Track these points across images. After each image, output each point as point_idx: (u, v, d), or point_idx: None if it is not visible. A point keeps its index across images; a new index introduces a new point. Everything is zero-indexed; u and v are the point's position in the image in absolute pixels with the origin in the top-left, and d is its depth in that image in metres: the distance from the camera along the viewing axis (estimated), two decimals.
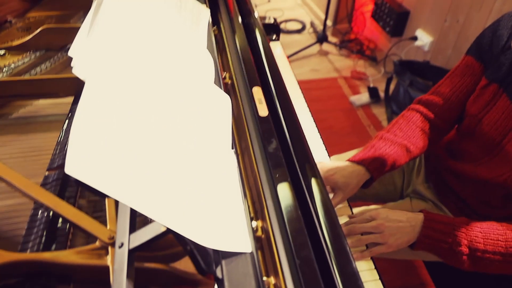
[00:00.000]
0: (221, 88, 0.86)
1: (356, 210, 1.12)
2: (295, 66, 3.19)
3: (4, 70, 1.17)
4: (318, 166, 0.97)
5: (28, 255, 0.65)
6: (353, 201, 1.33)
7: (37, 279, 0.64)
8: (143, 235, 0.59)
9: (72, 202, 0.78)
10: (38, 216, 0.75)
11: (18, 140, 0.99)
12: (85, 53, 0.58)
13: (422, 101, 1.12)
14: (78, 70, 0.55)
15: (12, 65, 1.19)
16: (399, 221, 0.90)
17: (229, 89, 1.00)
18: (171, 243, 0.67)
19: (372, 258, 0.90)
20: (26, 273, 0.65)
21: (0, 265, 0.62)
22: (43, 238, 0.71)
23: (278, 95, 0.94)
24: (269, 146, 0.77)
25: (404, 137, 1.05)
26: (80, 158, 0.45)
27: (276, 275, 0.61)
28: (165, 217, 0.51)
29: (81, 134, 0.47)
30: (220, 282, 0.56)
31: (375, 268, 0.87)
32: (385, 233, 0.88)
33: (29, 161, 0.93)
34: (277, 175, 0.72)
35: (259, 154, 0.77)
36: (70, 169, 0.43)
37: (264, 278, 0.62)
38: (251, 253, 0.59)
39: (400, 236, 0.89)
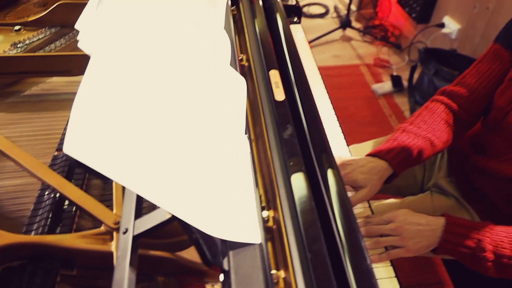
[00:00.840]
0: (237, 70, 0.82)
1: (374, 203, 1.08)
2: (316, 51, 3.11)
3: (18, 46, 1.15)
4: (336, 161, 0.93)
5: (31, 238, 0.63)
6: None
7: (40, 262, 0.62)
8: (148, 221, 0.56)
9: (80, 184, 0.76)
10: (45, 198, 0.73)
11: (29, 118, 0.97)
12: (92, 26, 0.55)
13: (446, 92, 1.06)
14: (84, 44, 0.52)
15: (27, 41, 1.17)
16: (419, 223, 0.85)
17: (245, 71, 0.96)
18: (177, 231, 0.65)
19: None
20: (29, 256, 0.63)
21: (2, 246, 0.60)
22: (48, 221, 0.69)
23: (296, 79, 0.90)
24: (284, 132, 0.73)
25: (428, 130, 0.99)
26: (80, 137, 0.42)
27: (286, 269, 0.58)
28: (169, 203, 0.47)
29: (84, 112, 0.44)
30: (227, 274, 0.52)
31: (391, 265, 0.83)
32: (404, 236, 0.84)
33: (39, 140, 0.91)
34: (292, 163, 0.68)
35: (273, 141, 0.73)
36: (69, 148, 0.40)
37: (273, 271, 0.59)
38: (260, 245, 0.55)
39: (420, 240, 0.84)
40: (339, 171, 0.69)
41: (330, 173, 0.69)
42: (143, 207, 0.61)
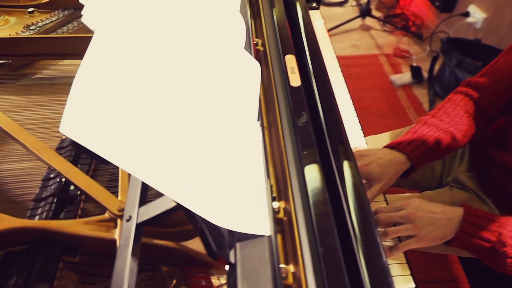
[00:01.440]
0: (251, 54, 0.78)
1: (390, 197, 1.04)
2: (334, 40, 3.05)
3: (31, 28, 1.13)
4: None
5: (34, 223, 0.61)
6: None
7: (43, 247, 0.61)
8: (153, 209, 0.54)
9: (86, 169, 0.74)
10: (50, 182, 0.71)
11: (40, 102, 0.96)
12: (98, 0, 0.52)
13: (471, 83, 1.00)
14: (88, 18, 0.49)
15: (40, 24, 1.15)
16: (433, 212, 0.80)
17: (260, 56, 0.93)
18: (182, 221, 0.62)
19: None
20: (32, 241, 0.61)
21: (5, 231, 0.59)
22: (53, 206, 0.67)
23: (313, 65, 0.86)
24: (299, 120, 0.70)
25: (450, 123, 0.94)
26: (79, 116, 0.39)
27: (295, 263, 0.55)
28: (173, 189, 0.45)
29: (84, 90, 0.42)
30: (232, 267, 0.50)
31: (407, 262, 0.79)
32: (417, 224, 0.78)
33: (48, 124, 0.90)
34: (306, 153, 0.65)
35: (287, 128, 0.70)
36: (65, 127, 0.37)
37: (282, 265, 0.56)
38: (269, 237, 0.52)
39: (434, 229, 0.78)
40: (356, 163, 0.65)
41: (346, 165, 0.66)
42: (148, 194, 0.59)
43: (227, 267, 0.50)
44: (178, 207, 0.50)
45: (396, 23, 3.14)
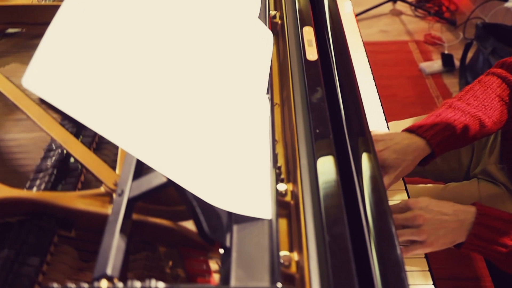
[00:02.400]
0: (266, 24, 0.73)
1: (412, 187, 0.97)
2: (362, 25, 2.93)
3: None
4: None
5: (28, 193, 0.58)
6: (409, 176, 1.17)
7: (38, 219, 0.58)
8: (146, 183, 0.50)
9: (88, 142, 0.71)
10: (51, 153, 0.68)
11: None
12: None
13: (506, 64, 0.91)
14: None
15: None
16: (443, 213, 0.71)
17: (277, 30, 0.87)
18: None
19: None
20: (27, 212, 0.58)
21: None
22: (52, 177, 0.64)
23: (333, 40, 0.79)
24: (313, 96, 0.64)
25: (479, 107, 0.85)
26: (46, 70, 0.34)
27: (300, 251, 0.50)
28: (161, 162, 0.40)
29: (58, 40, 0.37)
30: (227, 251, 0.45)
31: (425, 256, 0.72)
32: (424, 228, 0.70)
33: None
34: (318, 131, 0.59)
35: (299, 104, 0.64)
36: (29, 80, 0.33)
37: (286, 253, 0.52)
38: (270, 221, 0.48)
39: (444, 233, 0.70)
40: (373, 144, 0.59)
41: (361, 145, 0.60)
42: (145, 168, 0.54)
43: (221, 251, 0.46)
44: (171, 182, 0.46)
45: (429, 9, 2.99)
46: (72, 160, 0.68)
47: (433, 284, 0.69)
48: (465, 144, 0.86)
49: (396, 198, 0.83)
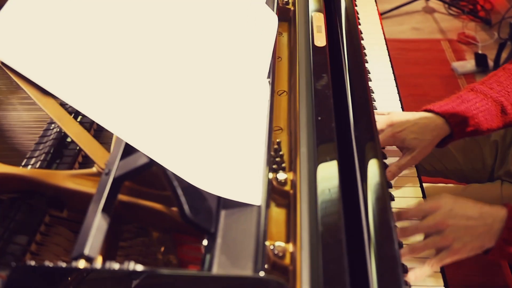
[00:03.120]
0: (273, 9, 0.70)
1: (429, 188, 0.91)
2: (394, 22, 2.85)
3: None
4: (384, 118, 0.78)
5: (19, 169, 0.58)
6: (429, 175, 1.11)
7: (29, 198, 0.57)
8: (132, 162, 0.48)
9: (89, 122, 0.70)
10: (48, 133, 0.68)
11: None
12: None
13: None
14: None
15: None
16: (469, 217, 0.65)
17: (291, 16, 0.84)
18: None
19: None
20: (19, 190, 0.58)
21: None
22: (49, 156, 0.64)
23: (346, 28, 0.76)
24: (318, 82, 0.61)
25: (501, 92, 0.80)
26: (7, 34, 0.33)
27: (295, 242, 0.47)
28: (139, 138, 0.38)
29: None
30: (212, 237, 0.43)
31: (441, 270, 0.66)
32: (448, 235, 0.64)
33: None
34: (320, 118, 0.56)
35: (304, 91, 0.61)
36: None
37: (281, 244, 0.49)
38: (259, 208, 0.45)
39: (470, 240, 0.64)
40: (377, 132, 0.56)
41: (366, 134, 0.56)
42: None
43: (204, 242, 0.43)
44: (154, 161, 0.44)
45: (463, 7, 2.88)
46: (69, 139, 0.67)
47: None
48: (485, 131, 0.80)
49: (407, 185, 0.78)
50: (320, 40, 0.67)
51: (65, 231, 0.60)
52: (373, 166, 0.52)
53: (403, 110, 0.97)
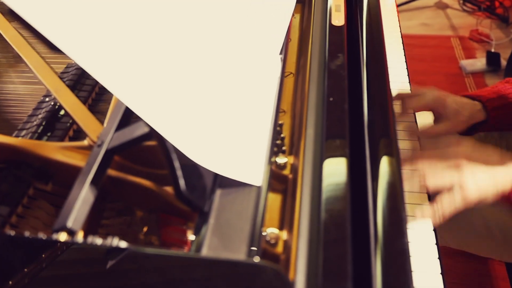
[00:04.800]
0: None
1: None
2: (402, 17, 2.77)
3: None
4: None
5: (6, 138, 0.54)
6: None
7: (16, 168, 0.54)
8: (127, 134, 0.44)
9: (85, 96, 0.66)
10: (43, 105, 0.65)
11: None
12: None
13: None
14: None
15: None
16: (489, 154, 0.62)
17: None
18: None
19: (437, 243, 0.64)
20: (6, 160, 0.55)
21: None
22: (40, 128, 0.60)
23: (367, 12, 0.71)
24: (332, 62, 0.57)
25: None
26: None
27: (290, 230, 0.43)
28: (144, 106, 0.35)
29: None
30: (204, 216, 0.39)
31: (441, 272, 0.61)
32: (463, 170, 0.58)
33: None
34: (332, 99, 0.52)
35: (315, 71, 0.57)
36: None
37: (274, 230, 0.45)
38: (258, 190, 0.41)
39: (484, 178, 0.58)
40: (394, 116, 0.52)
41: (381, 117, 0.53)
42: (130, 121, 0.49)
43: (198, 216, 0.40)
44: (151, 134, 0.40)
45: (480, 3, 2.81)
46: (62, 112, 0.64)
47: None
48: None
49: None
50: (338, 19, 0.63)
51: (46, 205, 0.57)
52: (385, 152, 0.48)
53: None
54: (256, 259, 0.35)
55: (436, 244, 0.61)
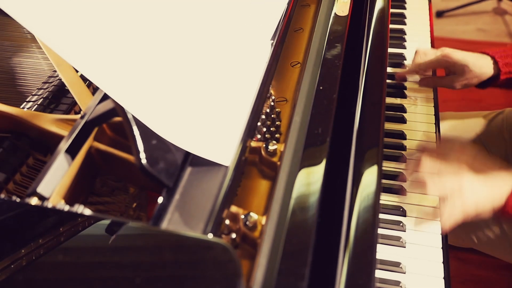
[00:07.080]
0: None
1: None
2: (458, 21, 2.67)
3: None
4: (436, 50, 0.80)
5: (4, 107, 0.56)
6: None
7: (16, 139, 0.56)
8: (107, 106, 0.45)
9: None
10: (50, 80, 0.67)
11: None
12: None
13: None
14: None
15: None
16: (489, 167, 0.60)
17: None
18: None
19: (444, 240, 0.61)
20: (7, 130, 0.57)
21: None
22: (46, 101, 0.63)
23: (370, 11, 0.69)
24: (329, 52, 0.55)
25: None
26: None
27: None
28: (105, 78, 0.35)
29: None
30: (170, 192, 0.39)
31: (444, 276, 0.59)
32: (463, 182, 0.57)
33: None
34: (322, 88, 0.51)
35: (312, 60, 0.56)
36: None
37: (254, 215, 0.44)
38: (225, 170, 0.40)
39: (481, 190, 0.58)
40: (384, 119, 0.49)
41: (370, 114, 0.50)
42: None
43: (160, 199, 0.39)
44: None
45: None
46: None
47: None
48: None
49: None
50: (343, 9, 0.61)
51: None
52: (371, 150, 0.46)
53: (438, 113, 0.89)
54: (210, 236, 0.35)
55: (442, 248, 0.59)
